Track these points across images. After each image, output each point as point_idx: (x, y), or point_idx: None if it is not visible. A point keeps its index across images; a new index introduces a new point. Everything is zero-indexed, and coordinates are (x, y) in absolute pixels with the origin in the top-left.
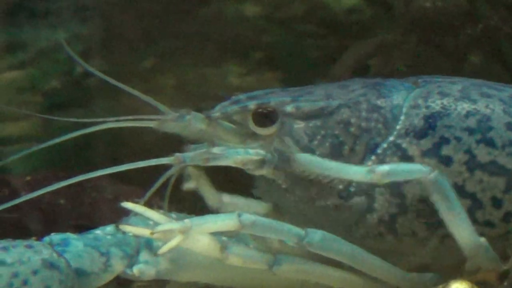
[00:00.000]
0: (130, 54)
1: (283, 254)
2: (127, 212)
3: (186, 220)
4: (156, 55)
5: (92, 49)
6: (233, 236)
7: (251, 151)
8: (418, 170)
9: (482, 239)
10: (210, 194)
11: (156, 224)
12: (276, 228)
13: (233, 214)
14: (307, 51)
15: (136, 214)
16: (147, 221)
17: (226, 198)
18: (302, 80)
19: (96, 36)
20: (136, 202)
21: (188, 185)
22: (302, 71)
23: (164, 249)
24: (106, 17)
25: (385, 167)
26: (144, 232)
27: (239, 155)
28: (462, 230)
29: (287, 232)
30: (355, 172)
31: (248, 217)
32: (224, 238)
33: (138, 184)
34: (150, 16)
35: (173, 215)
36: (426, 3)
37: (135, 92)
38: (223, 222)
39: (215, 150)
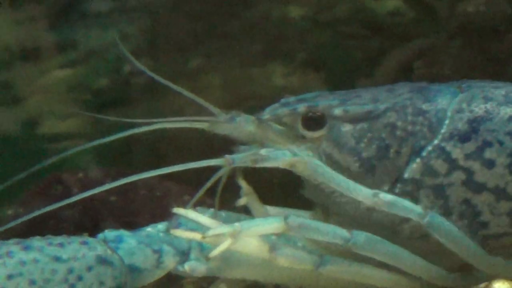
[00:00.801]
0: (178, 54)
1: (329, 255)
2: None
3: (236, 224)
4: (203, 55)
5: (141, 48)
6: (281, 236)
7: (298, 152)
8: (415, 212)
9: (498, 258)
10: (257, 208)
11: (207, 227)
12: (322, 230)
13: (280, 217)
14: (350, 52)
15: None
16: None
17: (272, 210)
18: (345, 81)
19: (144, 36)
20: (186, 200)
21: (241, 201)
22: (345, 72)
23: (215, 252)
24: (154, 18)
25: (388, 197)
26: (195, 236)
27: (286, 156)
28: (473, 256)
29: (332, 233)
30: (361, 193)
31: (294, 219)
32: (273, 238)
33: (186, 182)
34: (198, 17)
35: (223, 214)
36: (469, 7)
37: (187, 93)
38: (271, 224)
39: (263, 151)
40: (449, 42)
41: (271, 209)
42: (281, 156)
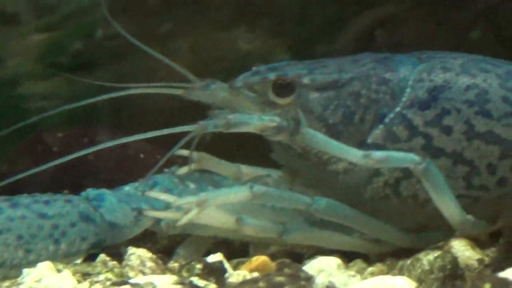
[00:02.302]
0: (149, 19)
1: (291, 223)
2: (149, 168)
3: (202, 194)
4: (172, 21)
5: (113, 13)
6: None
7: (265, 117)
8: (410, 159)
9: (469, 216)
10: (224, 168)
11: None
12: (285, 198)
13: (246, 186)
14: (311, 18)
15: (162, 172)
16: (172, 179)
17: (245, 169)
18: (307, 47)
19: (116, 2)
20: (158, 159)
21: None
22: (306, 38)
23: (182, 221)
24: None
25: (380, 154)
26: (165, 196)
27: (253, 120)
28: (452, 211)
29: (295, 200)
30: (353, 154)
31: (259, 188)
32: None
33: (158, 143)
34: None
35: (196, 174)
36: None
37: (165, 59)
38: (237, 193)
39: (231, 116)
40: (410, 11)
41: (243, 167)
42: (248, 120)
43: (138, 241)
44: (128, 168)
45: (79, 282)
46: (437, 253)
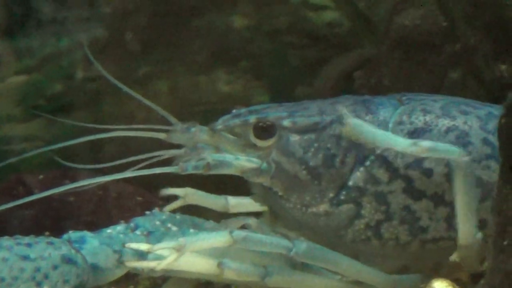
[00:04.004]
0: (128, 62)
1: (273, 266)
2: (130, 210)
3: (180, 239)
4: (152, 63)
5: (92, 55)
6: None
7: (246, 158)
8: (455, 151)
9: (480, 234)
10: (212, 201)
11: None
12: (265, 242)
13: (225, 231)
14: (290, 60)
15: (143, 214)
16: (154, 222)
17: (232, 200)
18: (285, 88)
19: (96, 44)
20: (139, 201)
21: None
22: (285, 79)
23: (161, 265)
24: (107, 27)
25: (427, 143)
26: (144, 246)
27: (234, 162)
28: (468, 219)
29: (275, 245)
30: (401, 143)
31: (239, 233)
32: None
33: (139, 183)
34: (148, 27)
35: (178, 216)
36: (405, 21)
37: (146, 101)
38: (216, 239)
39: (207, 156)
40: (389, 54)
41: (231, 199)
42: (234, 162)
43: (120, 283)
44: (110, 210)
45: None
46: None
